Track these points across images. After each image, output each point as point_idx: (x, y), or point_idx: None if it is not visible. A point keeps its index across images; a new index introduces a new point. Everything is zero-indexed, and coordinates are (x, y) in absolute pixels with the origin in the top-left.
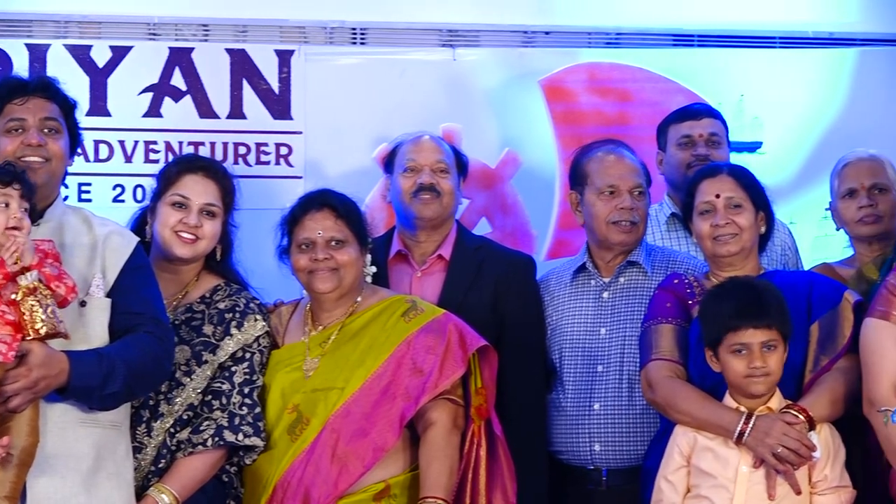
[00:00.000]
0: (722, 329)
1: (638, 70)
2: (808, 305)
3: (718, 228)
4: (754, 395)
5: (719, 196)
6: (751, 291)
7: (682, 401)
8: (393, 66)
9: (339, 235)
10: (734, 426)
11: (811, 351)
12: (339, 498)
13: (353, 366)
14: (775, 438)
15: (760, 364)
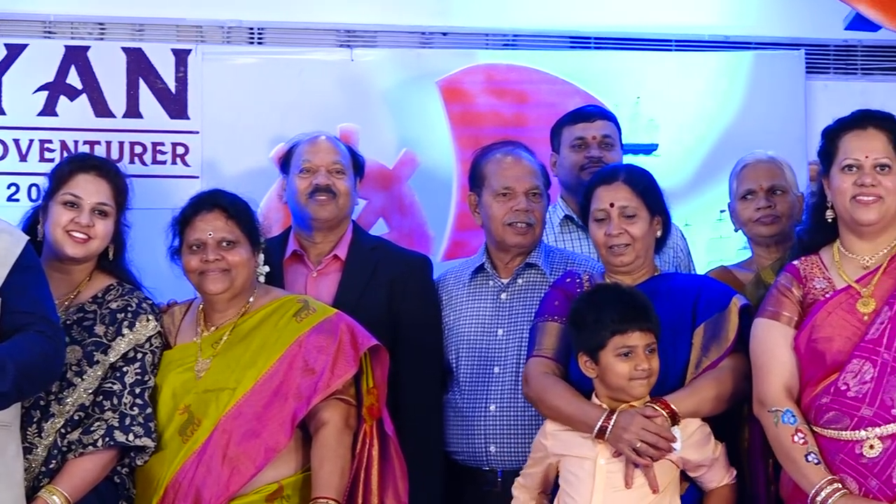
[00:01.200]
0: (608, 333)
1: (535, 72)
2: (695, 308)
3: (612, 238)
4: (636, 397)
5: (613, 205)
6: (630, 297)
7: (552, 396)
8: (290, 66)
9: (229, 236)
10: (595, 422)
11: (694, 353)
12: (230, 499)
13: (245, 366)
14: (634, 433)
15: (646, 366)
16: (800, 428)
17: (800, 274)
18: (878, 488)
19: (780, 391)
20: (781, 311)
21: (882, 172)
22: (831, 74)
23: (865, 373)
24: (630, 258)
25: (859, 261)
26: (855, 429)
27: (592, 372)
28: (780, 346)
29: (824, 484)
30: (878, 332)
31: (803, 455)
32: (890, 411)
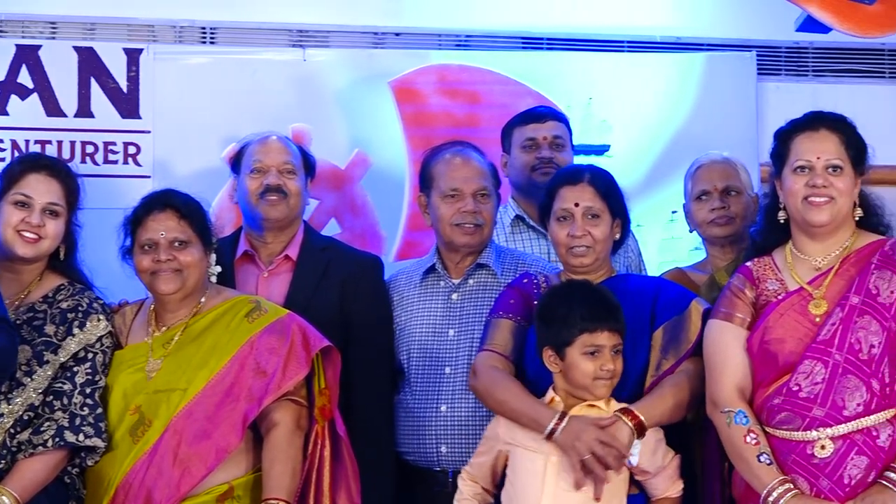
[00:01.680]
0: (576, 330)
1: (487, 72)
2: (653, 311)
3: (574, 239)
4: (598, 397)
5: (578, 205)
6: (601, 296)
7: (502, 390)
8: (242, 65)
9: (182, 236)
10: (546, 423)
11: (654, 355)
12: (181, 500)
13: (196, 367)
14: (585, 444)
15: (611, 366)
16: (752, 428)
17: (752, 275)
18: (830, 488)
19: (732, 392)
20: (734, 313)
21: (834, 174)
22: (782, 76)
23: (817, 374)
24: (590, 260)
25: (811, 262)
26: (807, 429)
27: (556, 367)
28: (732, 348)
29: (776, 484)
30: (829, 334)
31: (755, 455)
32: (841, 412)
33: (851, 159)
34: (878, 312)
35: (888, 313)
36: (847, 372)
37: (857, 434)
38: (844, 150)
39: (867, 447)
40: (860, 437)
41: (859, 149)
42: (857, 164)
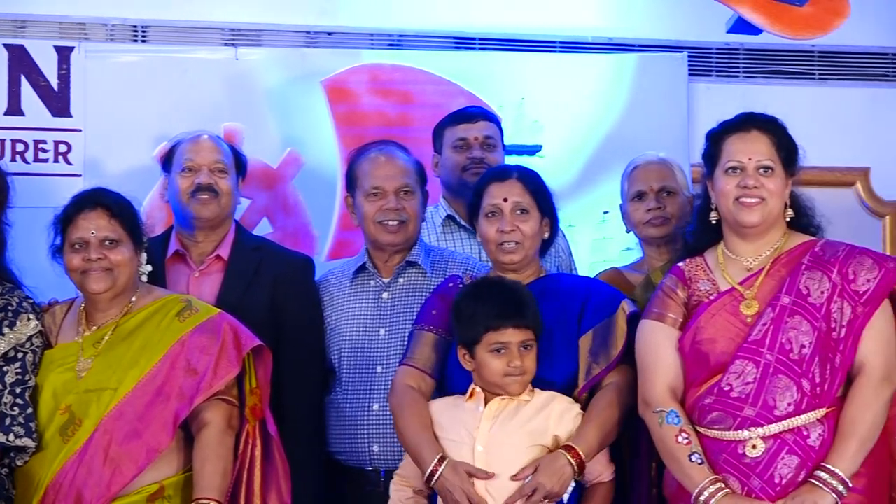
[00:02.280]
0: (482, 328)
1: (419, 72)
2: (582, 313)
3: (503, 234)
4: (511, 394)
5: (507, 200)
6: (509, 293)
7: (404, 419)
8: (174, 64)
9: (112, 235)
10: (427, 466)
11: (584, 360)
12: (112, 500)
13: (127, 366)
14: (457, 496)
15: (519, 363)
16: (684, 428)
17: (685, 276)
18: (761, 488)
19: (664, 392)
20: (666, 313)
21: (765, 174)
22: (713, 77)
23: (748, 374)
24: (520, 256)
25: (743, 263)
26: (738, 429)
27: (470, 365)
28: (664, 348)
29: (707, 484)
30: (760, 334)
31: (687, 455)
32: (772, 411)
33: (782, 160)
34: (809, 313)
35: (819, 314)
36: (778, 372)
37: (788, 434)
38: (775, 151)
39: (798, 447)
40: (791, 437)
41: (790, 150)
42: (787, 165)
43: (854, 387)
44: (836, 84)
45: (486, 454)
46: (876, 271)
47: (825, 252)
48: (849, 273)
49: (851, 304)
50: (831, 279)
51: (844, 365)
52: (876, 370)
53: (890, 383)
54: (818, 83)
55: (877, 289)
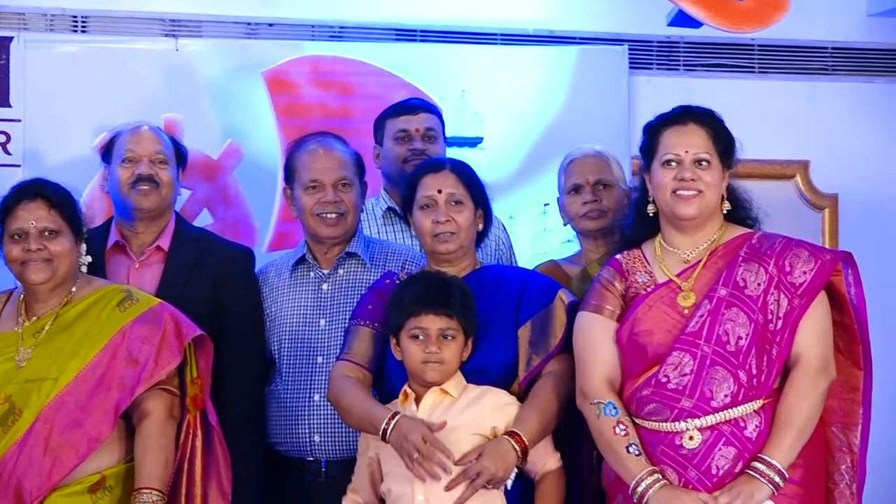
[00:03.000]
0: (404, 315)
1: (361, 64)
2: (519, 303)
3: (439, 225)
4: (429, 382)
5: (441, 192)
6: (435, 281)
7: (346, 397)
8: (115, 54)
9: (52, 226)
10: (380, 424)
11: (523, 351)
12: (52, 490)
13: (68, 356)
14: (413, 441)
15: (435, 350)
16: (621, 420)
17: (622, 268)
18: (698, 479)
19: (602, 384)
20: (604, 305)
21: (701, 167)
22: (654, 70)
23: (685, 365)
24: (455, 246)
25: (680, 255)
26: (675, 420)
27: (399, 355)
28: (602, 340)
29: (645, 475)
30: (697, 326)
31: (624, 447)
32: (709, 403)
33: (719, 153)
34: (746, 305)
35: (755, 305)
36: (715, 363)
37: (725, 425)
38: (712, 144)
39: (735, 438)
40: (728, 428)
41: (727, 143)
42: (724, 158)
43: (791, 378)
44: (776, 77)
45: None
46: (812, 263)
47: (762, 244)
48: (785, 265)
49: (788, 295)
50: (768, 271)
51: (781, 356)
52: (812, 361)
53: (826, 374)
54: (758, 76)
55: (813, 281)
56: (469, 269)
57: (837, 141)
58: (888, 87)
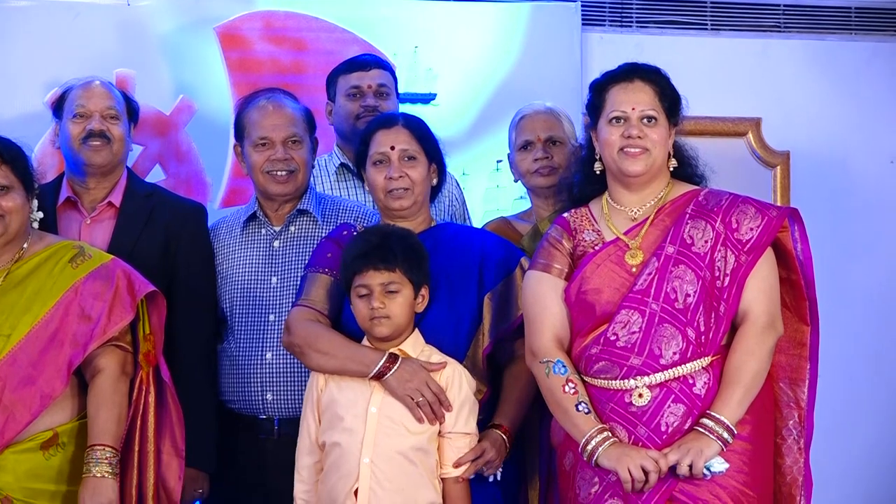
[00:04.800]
0: (350, 273)
1: (314, 19)
2: (481, 269)
3: (392, 181)
4: (379, 338)
5: (394, 148)
6: (379, 237)
7: (322, 341)
8: (66, 9)
9: (3, 181)
10: (375, 364)
11: (487, 320)
12: (5, 447)
13: (20, 313)
14: (416, 385)
15: (378, 305)
16: (570, 378)
17: (570, 226)
18: (647, 436)
19: (550, 342)
20: (552, 264)
21: (648, 125)
22: (607, 26)
23: (634, 323)
24: (409, 202)
25: (627, 213)
26: (624, 378)
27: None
28: (550, 298)
29: (594, 433)
30: (645, 283)
31: (574, 405)
32: (658, 360)
33: (666, 110)
34: (693, 262)
35: (703, 262)
36: (663, 321)
37: (674, 382)
38: (659, 102)
39: (684, 395)
40: (677, 385)
41: (674, 100)
42: (671, 115)
43: (738, 335)
44: (728, 35)
45: (379, 413)
46: (759, 220)
47: (709, 201)
48: (732, 222)
49: (735, 252)
50: (715, 228)
51: (729, 313)
52: (760, 318)
53: (773, 331)
54: (711, 34)
55: (759, 237)
56: (424, 225)
57: (789, 98)
58: (840, 44)
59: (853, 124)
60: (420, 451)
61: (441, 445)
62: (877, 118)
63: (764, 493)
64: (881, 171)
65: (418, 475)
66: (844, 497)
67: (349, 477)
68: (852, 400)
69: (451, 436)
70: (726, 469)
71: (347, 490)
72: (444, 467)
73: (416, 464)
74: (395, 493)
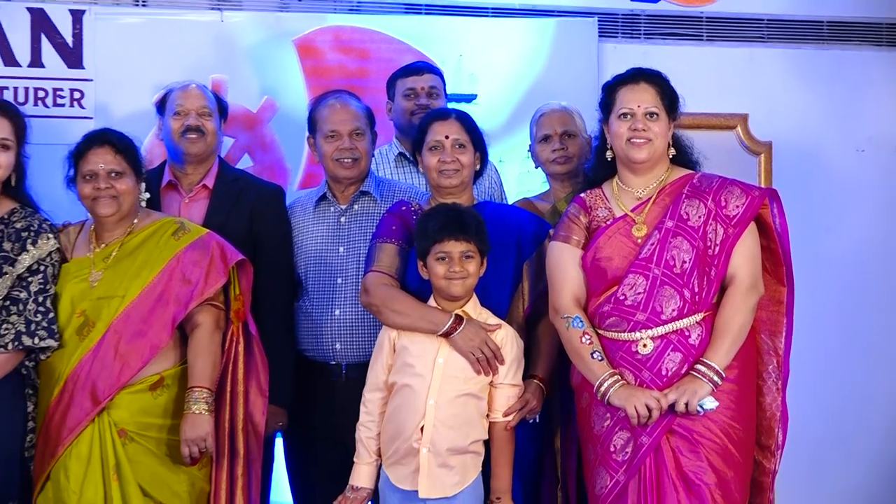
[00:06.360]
0: (430, 241)
1: (376, 33)
2: (519, 242)
3: (444, 164)
4: (453, 296)
5: (448, 137)
6: (455, 213)
7: (398, 302)
8: (170, 25)
9: (117, 168)
10: (444, 324)
11: (526, 283)
12: (121, 389)
13: (132, 277)
14: (478, 343)
15: (459, 269)
16: (586, 331)
17: (586, 204)
18: (651, 379)
19: (570, 301)
20: (571, 236)
21: (651, 119)
22: (619, 38)
23: (639, 285)
24: (457, 181)
25: (634, 193)
26: (631, 331)
27: (425, 274)
28: (570, 265)
29: (607, 377)
30: (649, 252)
31: (589, 353)
32: (660, 316)
33: (666, 108)
34: (689, 234)
35: (697, 234)
36: (664, 283)
37: (673, 334)
38: (660, 100)
39: (681, 345)
40: (675, 337)
41: (672, 99)
42: (670, 112)
43: (726, 294)
44: (720, 44)
45: (444, 364)
46: (744, 198)
47: (702, 183)
48: (721, 200)
49: (724, 226)
50: (707, 206)
51: (718, 277)
52: (744, 280)
53: (755, 291)
54: (706, 43)
55: (744, 213)
56: (468, 202)
57: (772, 97)
58: (815, 52)
59: (826, 119)
60: (474, 397)
61: (492, 394)
62: (845, 114)
63: (748, 426)
64: (849, 158)
65: (471, 416)
66: (812, 430)
67: (417, 414)
68: (822, 348)
69: (502, 386)
70: (716, 406)
71: (414, 425)
72: (493, 413)
73: (471, 407)
74: (451, 429)
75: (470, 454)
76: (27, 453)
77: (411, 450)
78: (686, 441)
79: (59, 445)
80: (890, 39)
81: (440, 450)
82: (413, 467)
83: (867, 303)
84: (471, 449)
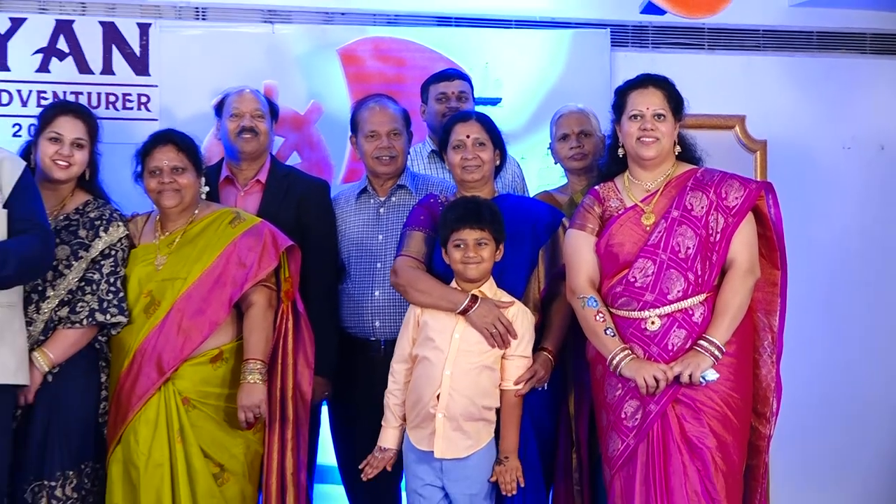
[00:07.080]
0: (449, 230)
1: (411, 43)
2: (534, 229)
3: (466, 161)
4: (469, 278)
5: (469, 136)
6: (472, 204)
7: (422, 283)
8: (226, 36)
9: (180, 164)
10: (461, 303)
11: (542, 267)
12: (184, 360)
13: (193, 261)
14: (491, 320)
15: (473, 255)
16: (600, 310)
17: (600, 196)
18: (658, 353)
19: (585, 282)
20: (586, 224)
21: (659, 120)
22: (630, 48)
23: (648, 269)
24: (478, 175)
25: (643, 186)
26: (641, 310)
27: (447, 260)
28: (585, 250)
29: (618, 351)
30: (657, 239)
31: (603, 330)
32: (666, 297)
33: (672, 109)
34: (693, 223)
35: (700, 223)
36: (670, 267)
37: (678, 313)
38: (667, 103)
39: (685, 323)
40: (680, 316)
41: (678, 102)
42: (676, 113)
43: (726, 277)
44: (721, 53)
45: (461, 338)
46: (742, 191)
47: (704, 177)
48: (722, 192)
49: (724, 215)
50: (709, 197)
51: (719, 261)
52: (742, 265)
53: (752, 274)
54: (708, 52)
55: (743, 204)
56: (489, 195)
57: (767, 100)
58: (805, 60)
59: (815, 120)
60: (488, 368)
61: (503, 365)
62: (833, 115)
63: (745, 396)
64: (836, 155)
65: (484, 386)
66: (802, 398)
67: (434, 383)
68: (810, 325)
69: (513, 357)
70: (717, 378)
71: (431, 393)
72: (505, 381)
73: (484, 378)
74: (465, 397)
75: (483, 421)
76: (101, 419)
77: (429, 415)
78: (690, 409)
79: (129, 411)
80: (874, 48)
81: (454, 415)
82: (430, 430)
83: (851, 283)
84: (484, 416)
